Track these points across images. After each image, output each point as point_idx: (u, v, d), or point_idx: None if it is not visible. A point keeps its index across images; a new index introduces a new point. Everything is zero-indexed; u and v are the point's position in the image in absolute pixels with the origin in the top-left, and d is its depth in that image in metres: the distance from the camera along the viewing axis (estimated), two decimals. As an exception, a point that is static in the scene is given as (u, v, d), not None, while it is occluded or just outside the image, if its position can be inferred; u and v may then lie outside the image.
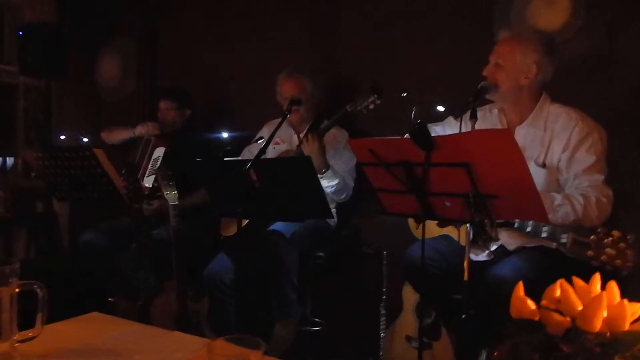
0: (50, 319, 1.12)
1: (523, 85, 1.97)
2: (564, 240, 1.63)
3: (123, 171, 2.43)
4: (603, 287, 0.83)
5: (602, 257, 1.44)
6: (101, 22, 4.05)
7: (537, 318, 0.81)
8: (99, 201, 2.56)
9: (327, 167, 2.48)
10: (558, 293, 0.83)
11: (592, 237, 1.47)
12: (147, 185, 2.80)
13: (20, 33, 3.62)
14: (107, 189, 2.40)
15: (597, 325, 0.77)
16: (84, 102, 4.31)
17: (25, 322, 1.07)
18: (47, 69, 3.63)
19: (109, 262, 2.78)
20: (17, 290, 1.00)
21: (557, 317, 0.80)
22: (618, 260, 1.41)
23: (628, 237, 1.42)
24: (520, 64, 1.95)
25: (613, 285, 0.83)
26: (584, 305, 0.79)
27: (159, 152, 2.78)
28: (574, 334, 0.78)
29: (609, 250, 1.43)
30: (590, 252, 1.46)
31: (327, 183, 2.50)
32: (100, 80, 4.20)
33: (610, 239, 1.44)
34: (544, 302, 0.83)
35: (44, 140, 3.99)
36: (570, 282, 0.91)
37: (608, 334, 0.78)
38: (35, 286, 1.02)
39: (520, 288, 0.85)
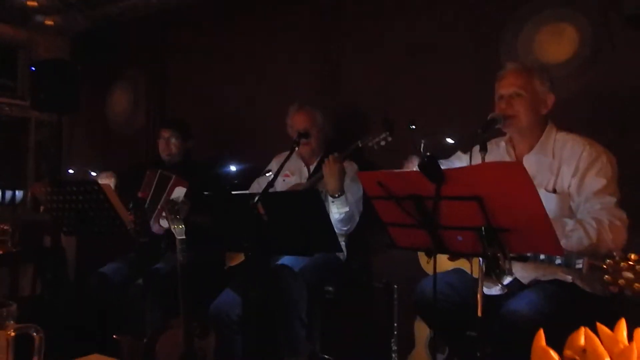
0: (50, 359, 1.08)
1: (542, 114, 1.96)
2: (579, 266, 1.59)
3: (130, 205, 2.42)
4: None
5: (619, 282, 1.38)
6: (112, 57, 4.15)
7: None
8: (105, 235, 2.53)
9: (343, 192, 2.46)
10: (582, 341, 0.77)
11: (608, 261, 1.41)
12: (164, 226, 2.68)
13: (33, 69, 3.70)
14: (114, 222, 2.39)
15: (628, 379, 0.72)
16: (95, 136, 4.36)
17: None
18: (59, 104, 3.69)
19: (115, 298, 2.73)
20: (13, 333, 0.97)
21: (583, 370, 0.74)
22: (637, 284, 1.35)
23: None
24: (540, 94, 1.96)
25: (641, 334, 0.77)
26: (611, 357, 0.74)
27: (179, 192, 2.71)
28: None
29: (626, 274, 1.37)
30: (607, 277, 1.41)
31: (337, 209, 2.47)
32: (110, 115, 4.26)
33: (628, 262, 1.38)
34: (568, 353, 0.77)
35: (53, 174, 4.01)
36: (587, 318, 0.86)
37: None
38: (32, 330, 0.98)
39: (541, 337, 0.80)
